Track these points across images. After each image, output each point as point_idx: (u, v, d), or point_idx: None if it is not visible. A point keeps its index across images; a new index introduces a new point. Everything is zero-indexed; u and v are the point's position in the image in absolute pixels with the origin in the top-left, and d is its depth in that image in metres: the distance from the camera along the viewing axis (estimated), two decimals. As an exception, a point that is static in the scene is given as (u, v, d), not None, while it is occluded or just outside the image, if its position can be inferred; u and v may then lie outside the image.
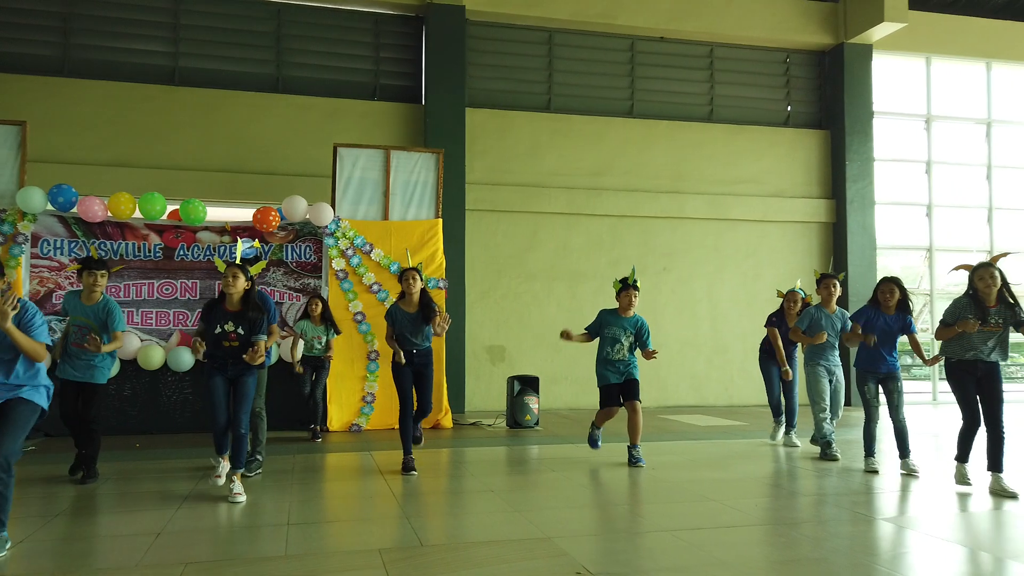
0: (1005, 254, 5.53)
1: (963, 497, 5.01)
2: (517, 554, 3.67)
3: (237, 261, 5.07)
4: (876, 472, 5.82)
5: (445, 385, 8.67)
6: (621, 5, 11.11)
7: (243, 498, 4.79)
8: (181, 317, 8.07)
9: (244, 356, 4.84)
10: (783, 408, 7.41)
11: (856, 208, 11.76)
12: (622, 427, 6.37)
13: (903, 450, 5.81)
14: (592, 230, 11.13)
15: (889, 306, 5.84)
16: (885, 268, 12.22)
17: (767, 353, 7.39)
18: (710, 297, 11.48)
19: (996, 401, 5.07)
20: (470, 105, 10.72)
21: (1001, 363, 5.12)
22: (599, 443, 6.59)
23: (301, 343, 7.51)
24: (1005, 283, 5.06)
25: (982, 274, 5.06)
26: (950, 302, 5.34)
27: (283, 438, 7.50)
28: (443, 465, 6.37)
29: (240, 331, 4.92)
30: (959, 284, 5.46)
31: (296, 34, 10.51)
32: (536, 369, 10.19)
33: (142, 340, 7.88)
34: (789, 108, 12.16)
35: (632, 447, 6.19)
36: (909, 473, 5.68)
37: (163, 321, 8.04)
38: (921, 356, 5.86)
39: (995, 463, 5.07)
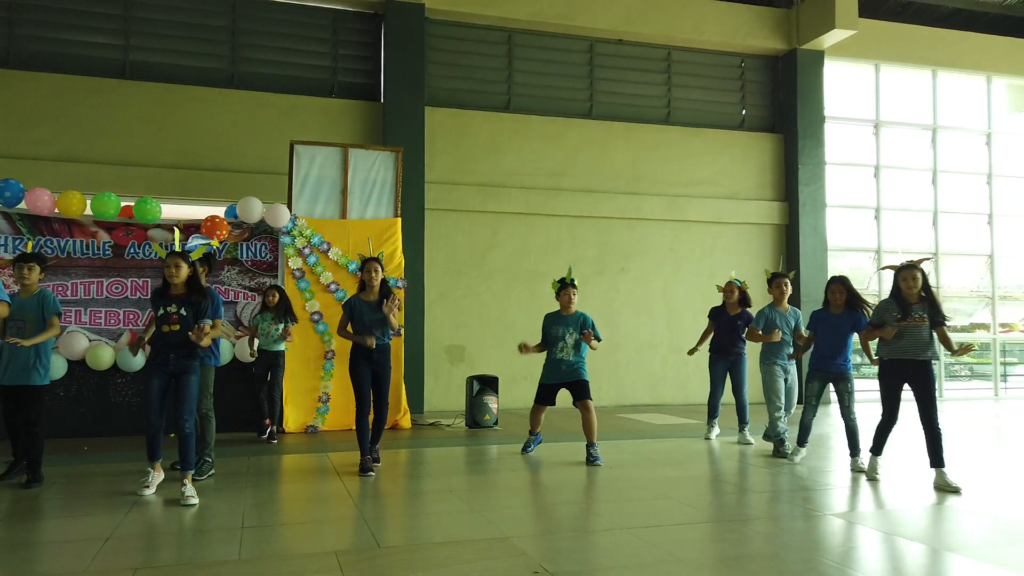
0: (928, 258, 5.81)
1: (908, 493, 5.16)
2: (475, 554, 3.67)
3: (177, 249, 4.98)
4: (794, 462, 6.12)
5: (403, 385, 8.63)
6: (580, 7, 11.18)
7: (195, 501, 4.69)
8: (132, 316, 7.87)
9: (190, 334, 4.75)
10: (719, 411, 7.65)
11: (808, 211, 12.03)
12: (579, 426, 6.41)
13: (853, 449, 5.97)
14: (551, 230, 11.19)
15: (838, 305, 6.01)
16: (835, 269, 12.51)
17: (716, 353, 7.54)
18: (666, 297, 11.63)
19: (929, 400, 5.26)
20: (429, 104, 10.68)
21: (933, 362, 5.31)
22: (530, 449, 6.66)
23: (256, 340, 7.42)
24: (926, 283, 5.31)
25: (905, 275, 5.30)
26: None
27: (236, 440, 7.38)
28: (401, 466, 6.33)
29: (182, 312, 4.83)
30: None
31: (252, 29, 10.34)
32: (495, 369, 10.18)
33: (91, 340, 7.67)
34: (744, 112, 12.38)
35: (590, 446, 6.24)
36: (857, 470, 5.84)
37: (112, 320, 7.83)
38: (869, 356, 6.03)
39: (937, 459, 5.24)
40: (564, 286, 6.40)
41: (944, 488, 5.13)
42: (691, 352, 7.81)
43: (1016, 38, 13.33)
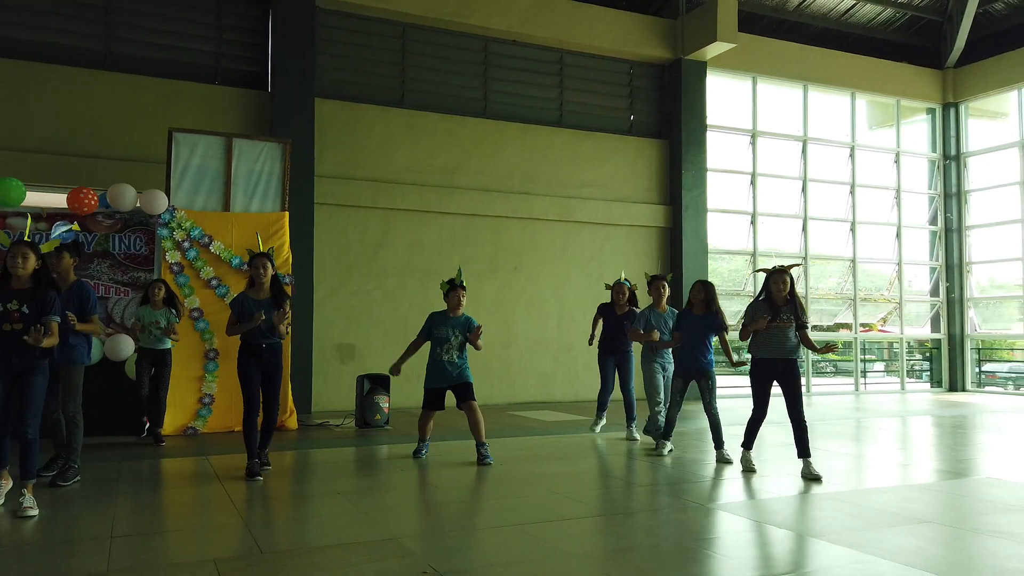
0: (797, 264, 6.22)
1: (778, 483, 5.48)
2: (363, 556, 3.62)
3: (26, 239, 4.55)
4: (662, 455, 6.39)
5: (291, 385, 8.37)
6: (474, 5, 11.19)
7: (35, 513, 4.28)
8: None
9: (25, 337, 4.31)
10: (607, 407, 7.86)
11: (691, 214, 12.56)
12: (467, 425, 6.41)
13: (718, 441, 6.29)
14: (445, 228, 11.15)
15: (699, 305, 6.36)
16: (715, 271, 13.15)
17: (604, 350, 7.76)
18: (557, 296, 11.85)
19: (796, 395, 5.62)
20: (320, 95, 10.40)
21: (799, 360, 5.71)
22: (422, 454, 6.49)
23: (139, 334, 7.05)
24: (793, 287, 5.70)
25: (776, 279, 5.65)
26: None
27: (109, 444, 6.93)
28: (287, 468, 6.15)
29: (24, 310, 4.43)
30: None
31: (128, 7, 9.72)
32: (387, 368, 9.99)
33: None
34: (632, 117, 12.78)
35: (480, 445, 6.21)
36: (724, 462, 6.16)
37: (-36, 317, 7.18)
38: (729, 357, 6.49)
39: (803, 450, 5.59)
40: (453, 287, 6.29)
41: (809, 476, 5.49)
42: (591, 342, 7.97)
43: (877, 58, 14.42)
